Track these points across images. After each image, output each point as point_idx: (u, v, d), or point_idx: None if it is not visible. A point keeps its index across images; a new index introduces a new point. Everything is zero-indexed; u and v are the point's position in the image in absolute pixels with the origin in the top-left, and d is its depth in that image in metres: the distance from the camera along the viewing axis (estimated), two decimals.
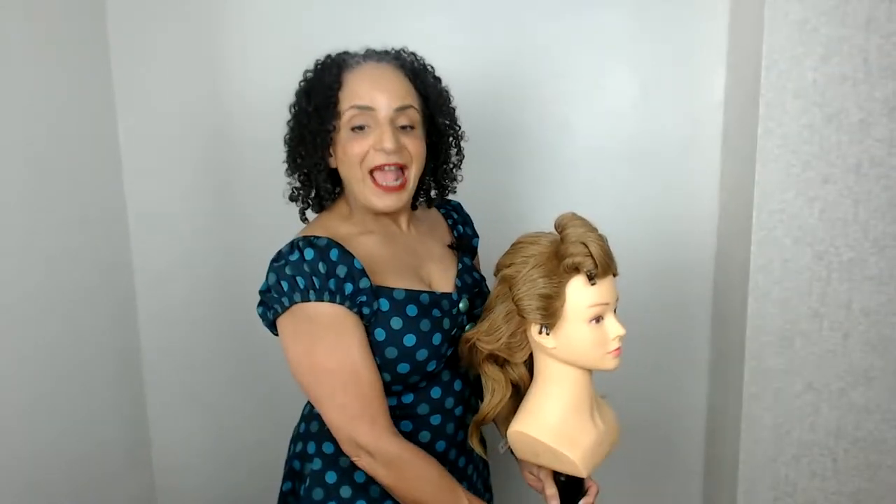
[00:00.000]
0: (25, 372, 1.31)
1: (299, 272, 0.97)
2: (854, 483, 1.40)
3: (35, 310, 1.34)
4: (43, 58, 1.37)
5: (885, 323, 1.34)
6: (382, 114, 1.01)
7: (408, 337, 1.01)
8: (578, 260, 0.93)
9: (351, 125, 1.01)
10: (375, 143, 1.00)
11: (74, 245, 1.45)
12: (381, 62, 1.05)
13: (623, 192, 1.55)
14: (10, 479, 1.26)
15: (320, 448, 1.08)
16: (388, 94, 1.01)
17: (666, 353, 1.62)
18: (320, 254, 0.98)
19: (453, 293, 1.08)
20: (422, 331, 1.02)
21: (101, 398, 1.54)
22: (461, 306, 1.08)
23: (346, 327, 0.98)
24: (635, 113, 1.52)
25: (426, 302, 1.04)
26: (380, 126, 1.01)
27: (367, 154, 1.01)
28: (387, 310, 1.01)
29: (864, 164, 1.29)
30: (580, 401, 1.01)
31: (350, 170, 1.03)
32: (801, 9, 1.25)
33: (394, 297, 1.02)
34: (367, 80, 1.02)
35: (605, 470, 1.13)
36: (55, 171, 1.40)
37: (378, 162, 1.01)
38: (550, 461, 1.02)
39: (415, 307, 1.02)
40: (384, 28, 1.51)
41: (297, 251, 0.99)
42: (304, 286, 0.97)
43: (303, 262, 0.97)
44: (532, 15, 1.50)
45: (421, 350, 1.01)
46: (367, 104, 1.00)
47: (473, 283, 1.13)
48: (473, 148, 1.55)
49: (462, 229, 1.22)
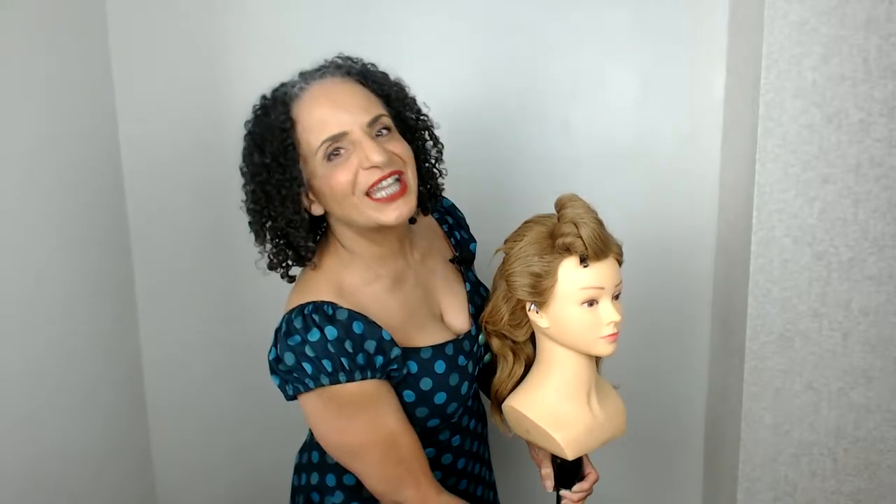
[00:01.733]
0: (25, 373, 1.31)
1: (325, 355, 0.89)
2: (854, 483, 1.40)
3: (35, 310, 1.34)
4: (43, 58, 1.37)
5: (884, 323, 1.34)
6: (357, 133, 0.91)
7: (439, 395, 0.98)
8: (569, 241, 0.93)
9: (326, 157, 0.91)
10: (362, 162, 0.90)
11: (74, 244, 1.45)
12: (325, 78, 0.94)
13: (623, 191, 1.55)
14: (10, 480, 1.26)
15: (341, 480, 1.03)
16: (355, 111, 0.91)
17: (666, 352, 1.62)
18: (344, 331, 0.90)
19: (472, 329, 1.05)
20: (451, 385, 0.99)
21: (102, 399, 1.54)
22: (481, 340, 1.06)
23: (379, 400, 0.92)
24: (635, 112, 1.52)
25: (451, 353, 1.00)
26: (359, 144, 0.91)
27: (357, 177, 0.91)
28: (415, 371, 0.96)
29: (864, 164, 1.29)
30: (576, 384, 1.01)
31: (342, 203, 0.92)
32: (801, 9, 1.25)
33: (421, 357, 0.97)
34: (325, 104, 0.91)
35: (604, 470, 1.13)
36: (55, 172, 1.40)
37: (373, 179, 0.91)
38: (539, 439, 1.03)
39: (443, 363, 0.98)
40: (383, 26, 1.52)
41: (315, 329, 0.89)
42: (331, 369, 0.89)
43: (326, 343, 0.89)
44: (532, 14, 1.50)
45: (452, 404, 1.00)
46: (338, 131, 0.90)
47: (483, 301, 1.09)
48: (473, 148, 1.56)
49: (459, 235, 1.17)
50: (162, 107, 1.58)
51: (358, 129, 0.91)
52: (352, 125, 0.91)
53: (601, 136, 1.53)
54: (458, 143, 1.59)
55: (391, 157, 0.92)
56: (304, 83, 0.94)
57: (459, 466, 1.07)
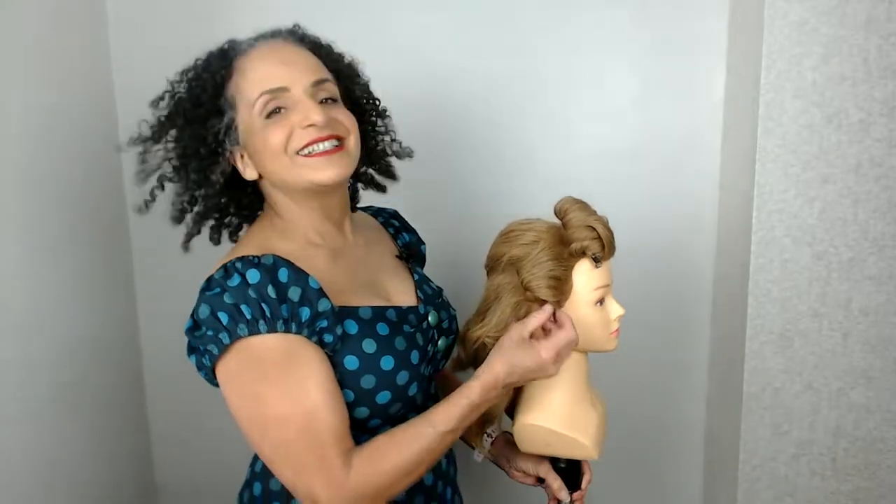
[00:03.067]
0: (25, 372, 1.31)
1: (243, 299, 0.81)
2: (853, 482, 1.40)
3: (35, 310, 1.34)
4: (43, 60, 1.37)
5: (884, 323, 1.34)
6: (298, 91, 0.87)
7: (385, 360, 0.89)
8: (587, 244, 0.95)
9: (265, 113, 0.87)
10: (299, 121, 0.86)
11: (74, 243, 1.45)
12: (276, 39, 0.92)
13: (622, 191, 1.55)
14: (10, 480, 1.26)
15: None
16: (299, 69, 0.88)
17: (666, 353, 1.62)
18: (267, 275, 0.82)
19: (419, 306, 0.99)
20: (398, 350, 0.90)
21: (102, 399, 1.54)
22: (430, 320, 0.99)
23: (303, 361, 0.83)
24: (635, 113, 1.52)
25: (394, 318, 0.93)
26: (300, 103, 0.87)
27: (292, 135, 0.87)
28: (355, 332, 0.88)
29: (864, 164, 1.29)
30: (584, 385, 1.03)
31: (274, 161, 0.88)
32: (801, 9, 1.25)
33: (360, 316, 0.90)
34: (271, 59, 0.89)
35: (604, 470, 1.13)
36: (55, 171, 1.40)
37: (308, 139, 0.87)
38: (562, 450, 1.03)
39: (385, 325, 0.91)
40: (381, 24, 1.52)
41: (236, 274, 0.83)
42: (251, 316, 0.81)
43: (246, 287, 0.81)
44: (532, 15, 1.50)
45: (401, 373, 0.90)
46: (278, 85, 0.87)
47: (434, 293, 1.05)
48: (473, 148, 1.56)
49: (407, 237, 1.14)
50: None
51: (300, 88, 0.88)
52: (293, 82, 0.88)
53: (601, 136, 1.53)
54: (457, 143, 1.59)
55: (332, 121, 0.89)
56: (255, 41, 0.92)
57: (427, 483, 0.99)
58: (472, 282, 1.18)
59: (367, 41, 1.08)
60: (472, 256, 1.23)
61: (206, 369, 0.87)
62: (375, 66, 1.08)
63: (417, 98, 1.51)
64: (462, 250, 1.57)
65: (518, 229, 1.00)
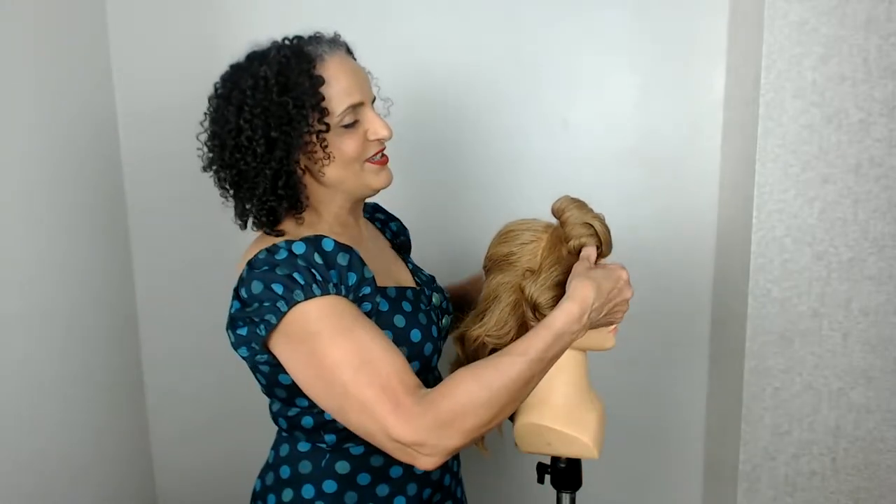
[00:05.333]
0: (25, 372, 1.31)
1: (294, 268, 0.86)
2: (853, 482, 1.40)
3: (34, 310, 1.34)
4: (43, 60, 1.37)
5: (884, 323, 1.34)
6: (368, 105, 0.98)
7: (413, 332, 0.96)
8: (584, 240, 0.95)
9: (343, 123, 0.95)
10: (371, 133, 0.96)
11: (74, 242, 1.45)
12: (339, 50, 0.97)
13: (623, 191, 1.55)
14: (10, 480, 1.26)
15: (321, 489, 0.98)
16: (367, 85, 0.98)
17: (666, 353, 1.62)
18: (312, 245, 0.89)
19: (423, 289, 1.06)
20: (422, 324, 0.98)
21: (102, 399, 1.54)
22: (434, 300, 1.06)
23: (353, 317, 0.87)
24: (635, 113, 1.52)
25: (412, 297, 1.01)
26: (369, 117, 0.97)
27: (364, 146, 0.97)
28: (387, 309, 0.96)
29: (864, 164, 1.29)
30: (584, 382, 1.03)
31: (346, 167, 0.96)
32: (801, 9, 1.25)
33: (388, 294, 0.98)
34: (348, 75, 0.95)
35: (605, 470, 1.13)
36: (55, 170, 1.40)
37: (374, 150, 0.98)
38: (562, 448, 1.03)
39: (408, 304, 0.99)
40: (383, 25, 1.52)
41: (282, 250, 0.88)
42: (304, 281, 0.85)
43: (295, 258, 0.87)
44: (532, 15, 1.50)
45: (427, 344, 0.98)
46: (359, 100, 0.95)
47: (428, 278, 1.12)
48: (473, 148, 1.56)
49: (394, 227, 1.20)
50: (162, 97, 1.57)
51: (369, 102, 0.98)
52: (366, 98, 0.97)
53: (601, 136, 1.54)
54: (457, 143, 1.60)
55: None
56: (327, 51, 0.95)
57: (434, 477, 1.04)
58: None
59: (366, 40, 1.08)
60: (470, 256, 1.24)
61: (258, 340, 0.88)
62: (375, 66, 1.08)
63: (416, 98, 1.51)
64: (460, 250, 1.58)
65: (516, 229, 1.00)
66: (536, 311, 0.96)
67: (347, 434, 0.93)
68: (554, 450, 1.04)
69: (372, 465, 0.99)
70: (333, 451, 0.99)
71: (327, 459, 0.99)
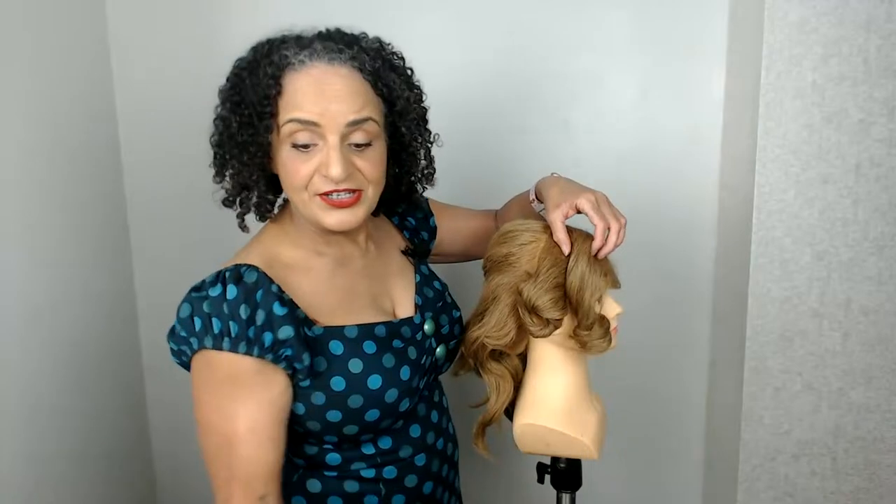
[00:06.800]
0: (25, 373, 1.31)
1: (216, 312, 0.83)
2: (853, 482, 1.40)
3: (34, 309, 1.34)
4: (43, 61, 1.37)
5: (884, 323, 1.34)
6: (331, 131, 0.83)
7: (372, 379, 0.88)
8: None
9: (292, 142, 0.85)
10: (321, 167, 0.84)
11: (74, 242, 1.45)
12: (333, 63, 0.85)
13: (623, 191, 1.54)
14: (10, 480, 1.26)
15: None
16: (339, 105, 0.83)
17: (666, 352, 1.62)
18: (244, 294, 0.83)
19: (415, 317, 0.98)
20: (386, 368, 0.89)
21: (102, 399, 1.54)
22: (426, 329, 0.98)
23: (247, 386, 0.83)
24: (635, 113, 1.52)
25: (383, 334, 0.92)
26: (327, 146, 0.84)
27: (313, 177, 0.85)
28: (341, 353, 0.88)
29: (864, 164, 1.29)
30: (583, 383, 1.03)
31: (292, 193, 0.88)
32: (801, 9, 1.25)
33: (345, 335, 0.89)
34: (314, 89, 0.84)
35: (605, 470, 1.13)
36: (55, 169, 1.40)
37: (325, 189, 0.85)
38: (562, 449, 1.02)
39: (372, 343, 0.90)
40: (380, 24, 1.51)
41: (220, 286, 0.84)
42: (218, 331, 0.82)
43: (223, 302, 0.83)
44: (532, 15, 1.50)
45: (390, 391, 0.89)
46: (310, 118, 0.83)
47: (435, 295, 1.04)
48: (473, 148, 1.56)
49: (412, 221, 1.13)
50: (162, 96, 1.57)
51: (334, 127, 0.84)
52: (328, 120, 0.83)
53: (601, 136, 1.53)
54: (457, 143, 1.59)
55: (352, 175, 0.86)
56: (309, 58, 0.85)
57: (420, 463, 0.98)
58: (472, 282, 1.19)
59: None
60: None
61: (182, 363, 0.90)
62: None
63: None
64: None
65: (515, 230, 1.00)
66: (535, 314, 0.95)
67: (322, 457, 0.93)
68: (553, 450, 1.04)
69: (346, 490, 0.94)
70: (307, 470, 0.96)
71: (300, 475, 0.96)
